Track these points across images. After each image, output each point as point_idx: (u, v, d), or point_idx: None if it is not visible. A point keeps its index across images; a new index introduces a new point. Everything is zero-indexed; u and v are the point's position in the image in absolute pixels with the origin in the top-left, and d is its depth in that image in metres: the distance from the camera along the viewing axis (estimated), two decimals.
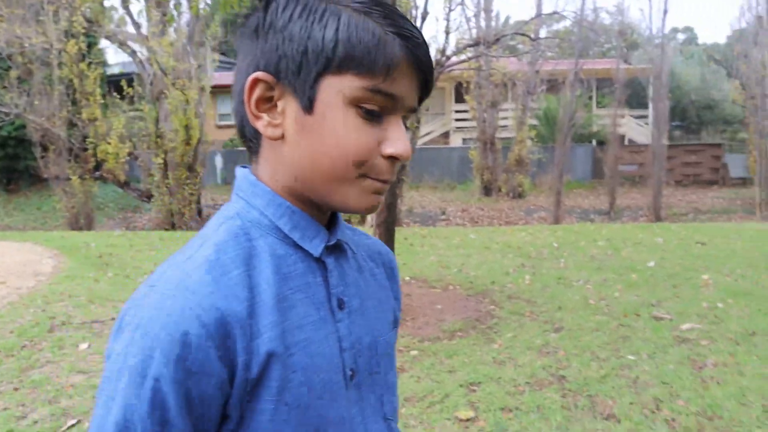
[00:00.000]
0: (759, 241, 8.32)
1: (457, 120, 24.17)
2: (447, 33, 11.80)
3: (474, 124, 19.73)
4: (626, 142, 24.30)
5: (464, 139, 23.42)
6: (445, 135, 24.89)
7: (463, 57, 9.90)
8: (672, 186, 22.70)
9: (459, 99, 22.45)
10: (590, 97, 25.34)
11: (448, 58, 9.24)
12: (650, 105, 22.19)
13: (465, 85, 19.03)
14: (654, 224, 11.90)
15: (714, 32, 78.56)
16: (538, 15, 15.83)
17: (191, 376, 0.61)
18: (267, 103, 0.70)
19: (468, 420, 3.08)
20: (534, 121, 21.58)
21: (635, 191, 20.65)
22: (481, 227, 12.74)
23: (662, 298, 5.29)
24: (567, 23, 23.38)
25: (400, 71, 0.66)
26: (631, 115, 25.32)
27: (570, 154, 18.52)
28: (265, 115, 0.70)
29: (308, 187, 0.71)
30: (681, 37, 43.34)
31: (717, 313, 4.81)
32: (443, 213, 16.73)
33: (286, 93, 0.69)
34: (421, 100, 0.72)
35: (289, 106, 0.69)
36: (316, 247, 0.72)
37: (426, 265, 6.94)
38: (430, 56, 0.69)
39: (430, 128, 24.34)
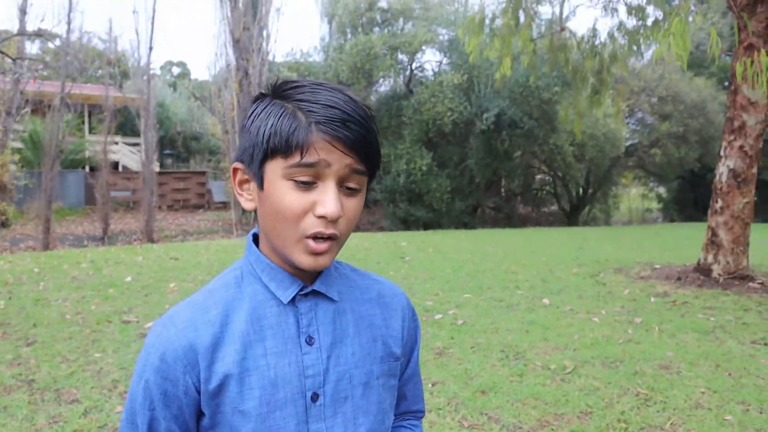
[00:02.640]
0: (222, 254, 9.99)
1: None
2: None
3: None
4: (120, 169, 24.83)
5: None
6: None
7: None
8: (164, 210, 24.05)
9: None
10: (82, 122, 25.09)
11: None
12: (142, 133, 23.19)
13: None
14: (139, 246, 12.75)
15: (204, 69, 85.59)
16: (21, 33, 15.23)
17: (166, 381, 0.90)
18: (246, 184, 0.95)
19: None
20: (19, 144, 20.32)
21: (129, 216, 21.33)
22: None
23: (133, 306, 6.09)
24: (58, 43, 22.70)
25: (317, 148, 0.85)
26: (125, 143, 25.91)
27: (60, 179, 18.14)
28: (245, 193, 0.95)
29: (273, 245, 0.94)
30: (176, 70, 45.90)
31: None
32: None
33: (250, 176, 0.93)
34: (369, 165, 0.90)
35: (252, 185, 0.93)
36: (286, 296, 0.93)
37: None
38: (352, 132, 0.86)
39: None
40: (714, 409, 3.70)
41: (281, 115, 0.86)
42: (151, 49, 18.74)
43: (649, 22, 12.27)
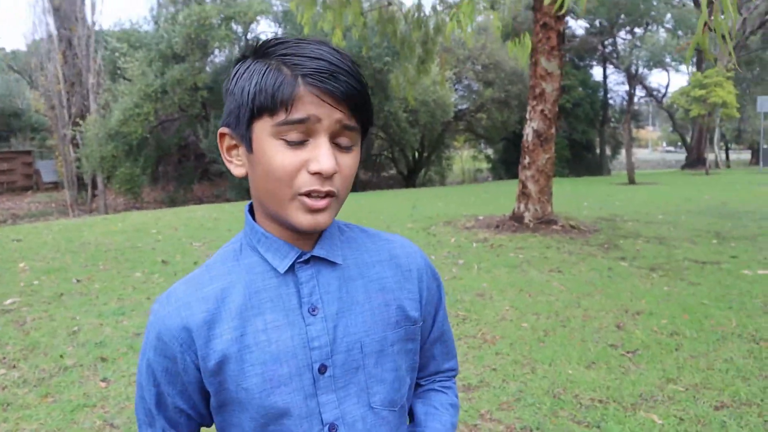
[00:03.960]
0: (67, 232, 9.87)
1: None
2: None
3: None
4: None
5: None
6: None
7: None
8: None
9: None
10: None
11: None
12: None
13: None
14: None
15: (15, 39, 77.88)
16: None
17: (165, 359, 0.89)
18: (234, 149, 0.90)
19: None
20: None
21: None
22: None
23: None
24: None
25: (304, 102, 0.80)
26: None
27: None
28: (234, 159, 0.90)
29: (268, 211, 0.89)
30: None
31: (33, 288, 5.96)
32: None
33: (237, 140, 0.88)
34: (360, 118, 0.86)
35: (241, 149, 0.88)
36: (283, 265, 0.89)
37: None
38: (341, 84, 0.81)
39: None
40: (515, 320, 4.70)
41: (265, 72, 0.82)
42: None
43: None
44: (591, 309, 4.96)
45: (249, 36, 20.57)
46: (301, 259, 0.90)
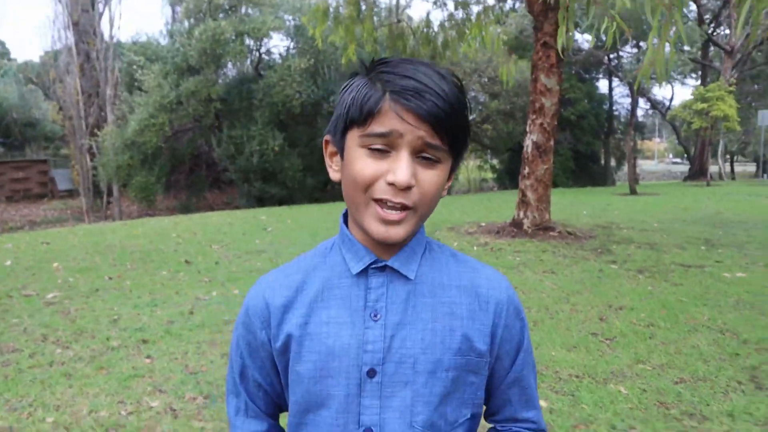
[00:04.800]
0: (90, 236, 10.47)
1: None
2: None
3: None
4: None
5: None
6: None
7: None
8: (4, 202, 23.05)
9: None
10: None
11: None
12: None
13: None
14: None
15: (28, 50, 79.14)
16: None
17: (249, 334, 1.01)
18: (335, 156, 0.96)
19: None
20: None
21: None
22: None
23: (26, 283, 6.68)
24: None
25: (388, 116, 0.86)
26: None
27: None
28: (333, 165, 0.97)
29: (353, 215, 0.95)
30: None
31: (70, 284, 6.53)
32: None
33: (336, 147, 0.95)
34: (447, 140, 0.89)
35: (338, 157, 0.95)
36: (357, 267, 0.95)
37: None
38: (426, 103, 0.85)
39: None
40: None
41: (362, 86, 0.88)
42: None
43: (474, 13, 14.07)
44: (578, 304, 5.49)
45: (262, 50, 21.28)
46: (375, 266, 0.95)
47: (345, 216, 1.01)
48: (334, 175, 0.96)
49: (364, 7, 13.82)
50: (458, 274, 1.00)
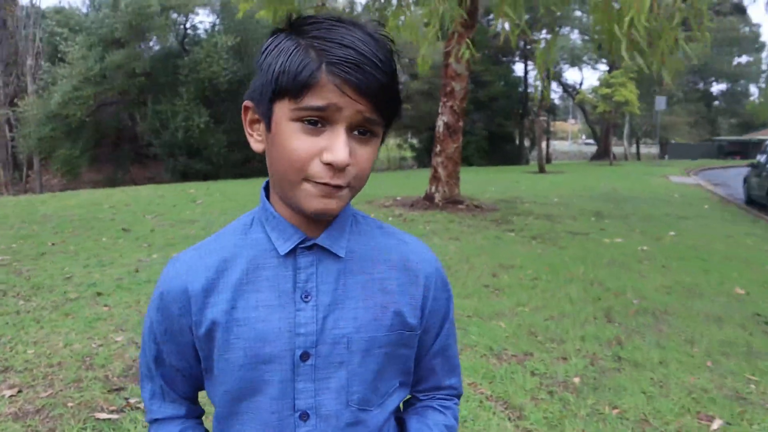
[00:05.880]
0: (23, 207, 10.81)
1: None
2: None
3: None
4: None
5: None
6: None
7: None
8: None
9: None
10: None
11: None
12: None
13: None
14: None
15: None
16: None
17: (165, 318, 0.94)
18: (256, 123, 0.89)
19: None
20: None
21: None
22: None
23: None
24: None
25: (325, 90, 0.78)
26: None
27: None
28: (254, 134, 0.90)
29: (281, 192, 0.89)
30: None
31: (14, 250, 7.04)
32: None
33: (259, 116, 0.87)
34: (384, 113, 0.83)
35: (261, 126, 0.87)
36: (284, 247, 0.90)
37: None
38: (366, 76, 0.78)
39: None
40: None
41: (293, 52, 0.80)
42: None
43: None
44: (476, 264, 6.49)
45: (187, 25, 21.43)
46: (304, 245, 0.90)
47: (266, 189, 0.96)
48: (256, 145, 0.90)
49: None
50: (387, 248, 0.98)
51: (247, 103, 0.89)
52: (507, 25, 10.10)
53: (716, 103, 54.23)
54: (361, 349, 0.91)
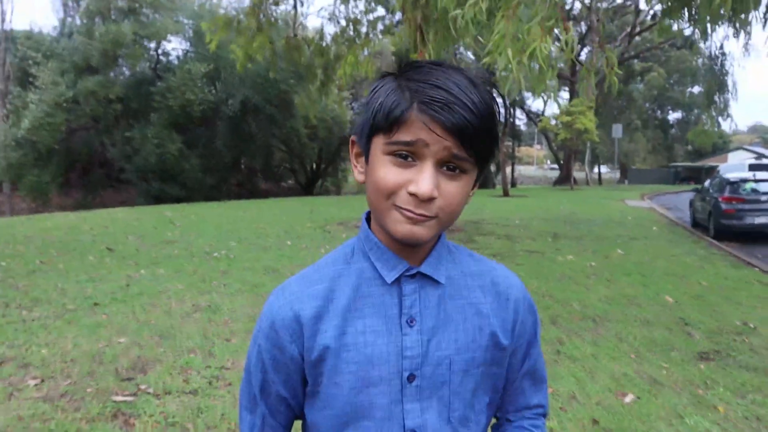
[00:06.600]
0: (1, 230, 11.14)
1: None
2: None
3: None
4: None
5: None
6: None
7: None
8: None
9: None
10: None
11: None
12: None
13: None
14: None
15: None
16: None
17: (275, 348, 0.97)
18: (360, 156, 0.96)
19: None
20: None
21: None
22: None
23: None
24: None
25: (414, 126, 0.84)
26: None
27: None
28: (358, 166, 0.97)
29: (376, 219, 0.95)
30: None
31: (3, 268, 7.45)
32: None
33: (361, 149, 0.95)
34: (474, 152, 0.87)
35: (363, 159, 0.95)
36: (390, 276, 0.95)
37: None
38: (454, 116, 0.83)
39: None
40: None
41: (390, 92, 0.87)
42: None
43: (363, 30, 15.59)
44: None
45: (160, 52, 21.93)
46: (408, 273, 0.95)
47: (368, 220, 1.01)
48: (358, 176, 0.98)
49: (263, 18, 14.91)
50: (479, 274, 1.03)
51: (352, 137, 0.98)
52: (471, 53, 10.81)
53: (672, 130, 56.25)
54: (461, 369, 0.96)
